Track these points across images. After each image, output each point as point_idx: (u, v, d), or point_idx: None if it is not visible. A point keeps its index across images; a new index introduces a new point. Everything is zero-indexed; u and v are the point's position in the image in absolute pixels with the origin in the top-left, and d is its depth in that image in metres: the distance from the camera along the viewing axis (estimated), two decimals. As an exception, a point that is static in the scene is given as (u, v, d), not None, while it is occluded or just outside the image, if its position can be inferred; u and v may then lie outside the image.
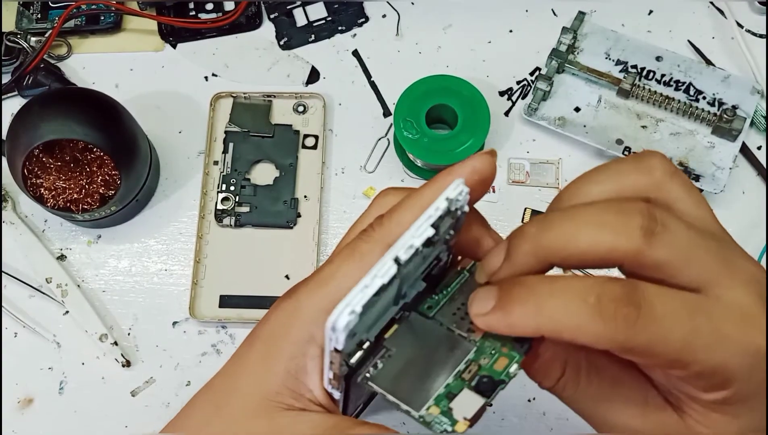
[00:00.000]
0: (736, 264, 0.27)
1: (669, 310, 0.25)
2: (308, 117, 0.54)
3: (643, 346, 0.25)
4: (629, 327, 0.24)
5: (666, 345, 0.25)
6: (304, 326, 0.29)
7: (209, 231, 0.51)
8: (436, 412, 0.26)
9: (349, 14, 0.57)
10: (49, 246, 0.52)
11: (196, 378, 0.49)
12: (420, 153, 0.50)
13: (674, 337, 0.25)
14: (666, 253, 0.25)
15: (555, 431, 0.47)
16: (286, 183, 0.52)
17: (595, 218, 0.26)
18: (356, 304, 0.25)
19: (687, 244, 0.26)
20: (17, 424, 0.48)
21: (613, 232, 0.26)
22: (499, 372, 0.27)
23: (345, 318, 0.24)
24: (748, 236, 0.51)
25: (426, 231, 0.26)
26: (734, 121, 0.51)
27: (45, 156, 0.47)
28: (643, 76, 0.54)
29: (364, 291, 0.25)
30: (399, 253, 0.26)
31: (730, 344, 0.25)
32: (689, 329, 0.25)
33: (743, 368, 0.25)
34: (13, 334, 0.50)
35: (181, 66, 0.56)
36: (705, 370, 0.25)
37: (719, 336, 0.25)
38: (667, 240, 0.25)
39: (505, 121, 0.55)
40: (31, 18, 0.56)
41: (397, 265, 0.25)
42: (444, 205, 0.26)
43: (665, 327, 0.24)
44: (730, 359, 0.25)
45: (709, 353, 0.25)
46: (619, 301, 0.24)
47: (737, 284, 0.26)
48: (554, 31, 0.54)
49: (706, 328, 0.25)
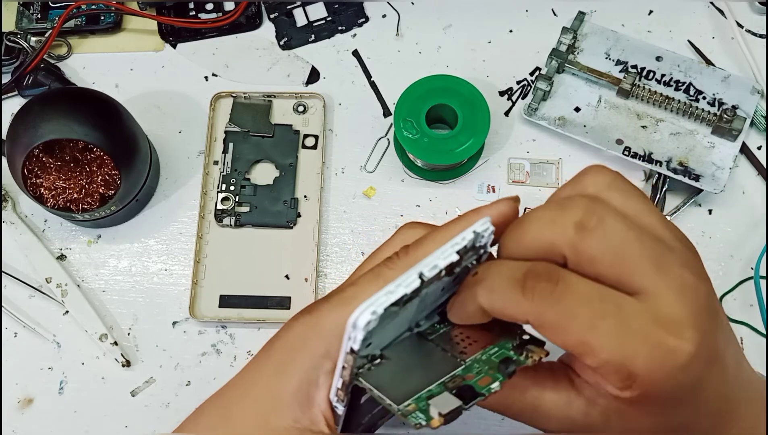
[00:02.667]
0: (670, 269, 0.27)
1: (582, 292, 0.27)
2: (308, 117, 0.54)
3: (554, 320, 0.27)
4: (543, 299, 0.26)
5: (573, 322, 0.26)
6: (322, 340, 0.30)
7: (209, 231, 0.51)
8: (413, 408, 0.27)
9: (349, 14, 0.57)
10: (49, 246, 0.52)
11: (196, 378, 0.49)
12: (420, 153, 0.50)
13: (581, 315, 0.26)
14: (598, 248, 0.27)
15: (555, 431, 0.47)
16: (286, 183, 0.52)
17: (536, 214, 0.29)
18: (378, 305, 0.26)
19: (620, 242, 0.27)
20: (17, 424, 0.48)
21: (550, 224, 0.28)
22: (481, 387, 0.29)
23: (366, 316, 0.25)
24: (748, 236, 0.51)
25: (451, 255, 0.27)
26: (734, 121, 0.51)
27: (45, 156, 0.47)
28: (643, 76, 0.54)
29: (388, 296, 0.26)
30: (424, 270, 0.27)
31: (636, 340, 0.26)
32: (597, 312, 0.26)
33: (650, 370, 0.26)
34: (13, 334, 0.50)
35: (181, 66, 0.56)
36: (610, 360, 0.26)
37: (626, 329, 0.26)
38: (600, 235, 0.27)
39: (505, 121, 0.55)
40: (31, 18, 0.56)
41: (420, 280, 0.27)
42: (470, 236, 0.28)
43: (574, 304, 0.26)
44: (636, 355, 0.26)
45: (613, 342, 0.26)
46: (539, 276, 0.27)
47: (663, 289, 0.27)
48: (554, 31, 0.54)
49: (614, 315, 0.26)
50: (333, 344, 0.30)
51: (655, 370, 0.26)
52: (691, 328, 0.26)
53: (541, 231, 0.28)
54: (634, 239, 0.27)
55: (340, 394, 0.30)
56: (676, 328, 0.26)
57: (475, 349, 0.31)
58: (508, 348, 0.30)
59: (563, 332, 0.27)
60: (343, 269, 0.51)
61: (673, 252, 0.28)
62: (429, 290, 0.29)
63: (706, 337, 0.27)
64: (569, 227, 0.27)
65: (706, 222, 0.52)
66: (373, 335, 0.27)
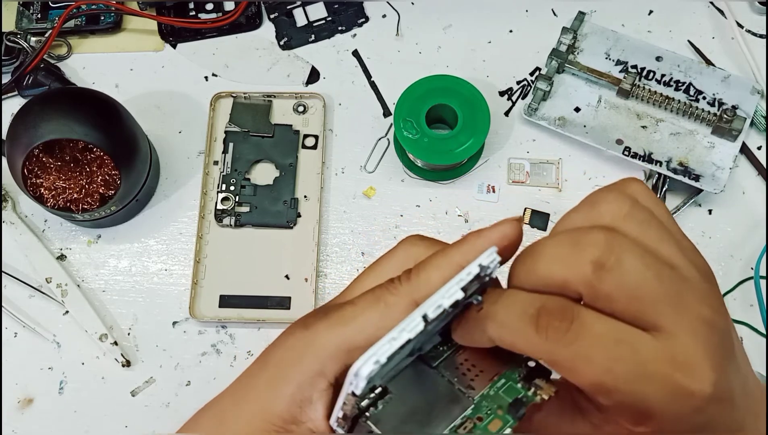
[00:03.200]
0: (688, 307, 0.27)
1: (598, 333, 0.26)
2: (308, 117, 0.54)
3: (567, 360, 0.26)
4: (557, 340, 0.26)
5: (588, 365, 0.26)
6: (318, 359, 0.30)
7: (209, 231, 0.51)
8: None
9: (349, 14, 0.57)
10: (49, 246, 0.52)
11: (196, 378, 0.49)
12: (420, 153, 0.50)
13: (597, 359, 0.25)
14: (615, 287, 0.26)
15: (555, 431, 0.47)
16: (286, 183, 0.52)
17: (550, 250, 0.27)
18: (382, 354, 0.26)
19: (638, 281, 0.26)
20: (17, 424, 0.48)
21: (564, 265, 0.27)
22: (493, 433, 0.28)
23: (369, 367, 0.26)
24: (748, 236, 0.51)
25: (456, 293, 0.27)
26: (734, 121, 0.51)
27: (45, 156, 0.47)
28: (643, 76, 0.54)
29: (391, 343, 0.26)
30: (428, 311, 0.27)
31: (651, 382, 0.25)
32: (613, 356, 0.25)
33: (667, 412, 0.26)
34: (13, 334, 0.50)
35: (181, 66, 0.56)
36: (625, 401, 0.26)
37: (641, 371, 0.25)
38: (618, 275, 0.26)
39: (505, 121, 0.55)
40: (31, 18, 0.56)
41: (424, 323, 0.27)
42: (476, 271, 0.27)
43: (589, 347, 0.26)
44: (651, 396, 0.26)
45: (629, 383, 0.25)
46: (553, 314, 0.26)
47: (681, 329, 0.26)
48: (554, 31, 0.54)
49: (630, 359, 0.25)
50: (327, 364, 0.30)
51: (671, 412, 0.26)
52: (708, 370, 0.26)
53: (554, 267, 0.27)
54: (653, 278, 0.26)
55: (341, 422, 0.30)
56: (693, 371, 0.26)
57: (483, 380, 0.31)
58: (515, 379, 0.30)
59: (577, 373, 0.26)
60: (343, 269, 0.51)
61: (692, 287, 0.27)
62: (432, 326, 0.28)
63: (722, 377, 0.26)
64: (586, 266, 0.26)
65: (706, 222, 0.52)
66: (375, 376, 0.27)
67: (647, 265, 0.26)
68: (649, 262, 0.26)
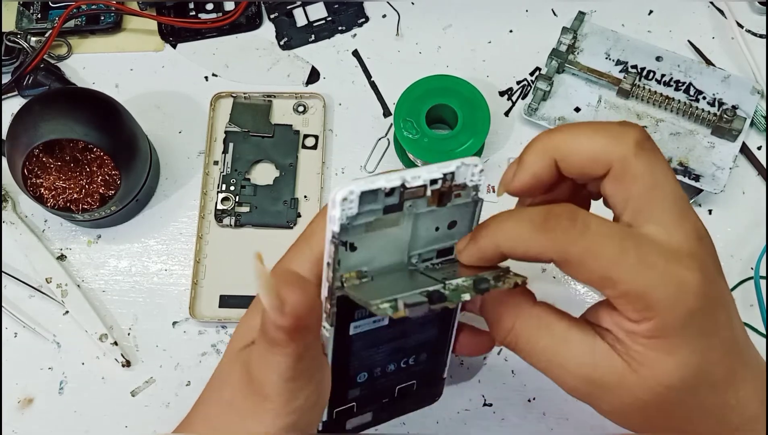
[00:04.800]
0: (688, 217, 0.30)
1: (603, 230, 0.29)
2: (308, 117, 0.54)
3: (577, 256, 0.28)
4: (566, 237, 0.28)
5: (596, 258, 0.28)
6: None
7: (209, 231, 0.51)
8: (386, 305, 0.29)
9: (349, 14, 0.57)
10: (49, 246, 0.52)
11: (196, 378, 0.49)
12: (420, 153, 0.50)
13: (604, 253, 0.28)
14: (645, 169, 0.30)
15: (555, 431, 0.47)
16: (286, 183, 0.52)
17: (596, 125, 0.31)
18: (356, 186, 0.29)
19: (663, 173, 0.30)
20: (17, 424, 0.48)
21: (610, 136, 0.30)
22: (452, 296, 0.30)
23: (343, 193, 0.29)
24: (749, 236, 0.51)
25: (435, 172, 0.30)
26: (734, 121, 0.51)
27: (45, 156, 0.47)
28: (643, 76, 0.54)
29: (366, 182, 0.29)
30: (406, 175, 0.30)
31: (653, 272, 0.28)
32: (618, 249, 0.28)
33: (665, 297, 0.28)
34: (13, 334, 0.50)
35: (181, 66, 0.56)
36: (630, 291, 0.28)
37: (644, 261, 0.28)
38: (651, 159, 0.30)
39: (505, 121, 0.55)
40: (31, 18, 0.56)
41: (402, 182, 0.29)
42: (456, 164, 0.30)
43: (597, 242, 0.28)
44: (653, 286, 0.28)
45: (633, 275, 0.28)
46: (559, 216, 0.29)
47: (681, 231, 0.29)
48: (554, 31, 0.54)
49: (634, 252, 0.28)
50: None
51: (669, 297, 0.28)
52: (701, 264, 0.29)
53: (598, 139, 0.30)
54: (672, 179, 0.30)
55: (327, 307, 0.32)
56: (689, 263, 0.29)
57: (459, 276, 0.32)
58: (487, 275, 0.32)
59: (586, 268, 0.29)
60: (343, 269, 0.51)
61: (688, 203, 0.31)
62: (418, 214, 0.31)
63: (714, 277, 0.30)
64: (630, 142, 0.30)
65: (706, 222, 0.51)
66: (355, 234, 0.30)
67: (669, 168, 0.30)
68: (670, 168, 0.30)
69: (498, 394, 0.47)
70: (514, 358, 0.48)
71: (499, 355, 0.48)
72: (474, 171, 0.31)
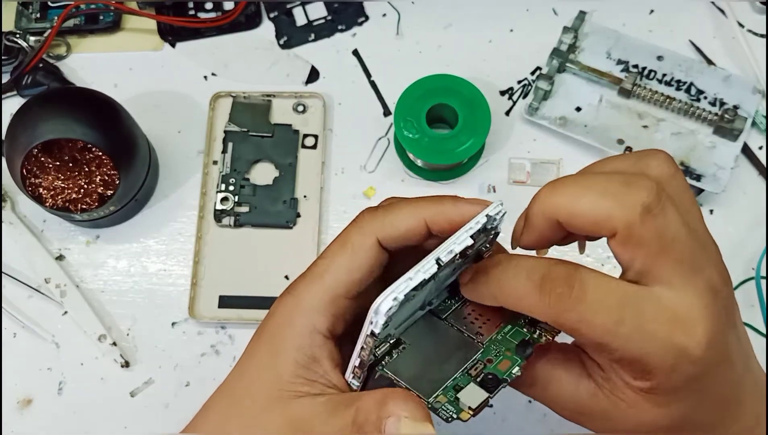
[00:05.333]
0: (703, 270, 0.28)
1: (600, 297, 0.27)
2: (308, 117, 0.54)
3: (571, 323, 0.27)
4: (561, 304, 0.27)
5: (590, 328, 0.27)
6: (306, 318, 0.31)
7: (208, 231, 0.51)
8: (443, 400, 0.29)
9: (349, 13, 0.57)
10: (48, 246, 0.51)
11: (195, 379, 0.49)
12: (420, 153, 0.50)
13: (598, 321, 0.27)
14: (652, 236, 0.27)
15: (555, 433, 0.47)
16: (286, 183, 0.52)
17: (600, 183, 0.28)
18: (399, 292, 0.27)
19: (674, 233, 0.28)
20: (17, 424, 0.48)
21: (614, 200, 0.28)
22: (503, 372, 0.30)
23: (388, 303, 0.27)
24: (749, 236, 0.51)
25: (466, 240, 0.29)
26: (735, 121, 0.51)
27: (44, 156, 0.47)
28: (644, 75, 0.54)
29: (408, 283, 0.28)
30: (441, 255, 0.29)
31: (651, 342, 0.27)
32: (615, 318, 0.27)
33: (663, 365, 0.27)
34: (12, 335, 0.50)
35: (180, 65, 0.56)
36: (625, 358, 0.28)
37: (643, 332, 0.27)
38: (660, 222, 0.27)
39: (505, 121, 0.54)
40: (30, 17, 0.56)
41: (437, 265, 0.28)
42: (483, 221, 0.29)
43: (591, 311, 0.27)
44: (651, 354, 0.27)
45: (629, 342, 0.27)
46: (556, 280, 0.27)
47: (690, 290, 0.27)
48: (555, 30, 0.54)
49: (631, 321, 0.27)
50: (317, 319, 0.31)
51: (667, 365, 0.27)
52: (705, 330, 0.27)
53: (603, 201, 0.28)
54: (685, 236, 0.28)
55: (357, 372, 0.31)
56: (692, 329, 0.27)
57: (490, 328, 0.32)
58: (521, 325, 0.32)
59: (580, 335, 0.28)
60: (343, 269, 0.51)
61: (707, 253, 0.29)
62: (441, 276, 0.30)
63: (719, 338, 0.28)
64: (636, 207, 0.27)
65: (707, 222, 0.51)
66: (393, 317, 0.28)
67: (683, 223, 0.28)
68: (684, 221, 0.28)
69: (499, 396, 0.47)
70: (515, 358, 0.48)
71: (500, 356, 0.48)
72: (497, 218, 0.30)
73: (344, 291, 0.31)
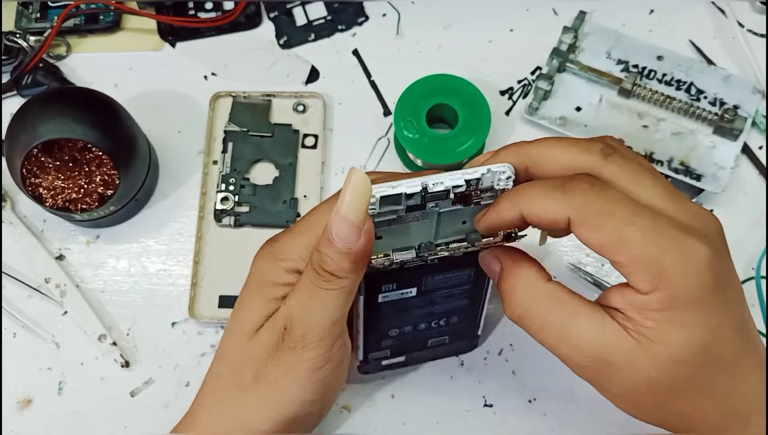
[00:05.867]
0: (684, 200, 0.31)
1: (619, 194, 0.30)
2: (308, 116, 0.54)
3: (594, 215, 0.29)
4: (584, 196, 0.29)
5: (612, 219, 0.29)
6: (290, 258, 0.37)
7: (209, 231, 0.51)
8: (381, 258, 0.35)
9: (349, 13, 0.57)
10: (48, 246, 0.51)
11: (195, 378, 0.49)
12: (420, 153, 0.50)
13: (620, 213, 0.29)
14: (619, 170, 0.31)
15: (556, 432, 0.47)
16: (286, 183, 0.52)
17: (566, 141, 0.33)
18: (377, 191, 0.31)
19: (638, 168, 0.31)
20: (16, 424, 0.48)
21: (579, 148, 0.32)
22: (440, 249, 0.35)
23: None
24: (750, 236, 0.51)
25: (458, 179, 0.32)
26: (735, 120, 0.51)
27: (44, 155, 0.47)
28: (644, 75, 0.54)
29: (389, 189, 0.31)
30: (428, 181, 0.31)
31: (666, 238, 0.29)
32: (633, 211, 0.29)
33: (678, 265, 0.28)
34: (12, 335, 0.50)
35: (180, 65, 0.56)
36: (642, 256, 0.29)
37: (657, 229, 0.29)
38: (620, 160, 0.31)
39: (505, 121, 0.54)
40: (30, 17, 0.56)
41: (423, 189, 0.31)
42: (483, 171, 0.32)
43: (614, 202, 0.29)
44: (665, 253, 0.29)
45: (646, 239, 0.29)
46: (580, 179, 0.30)
47: (684, 211, 0.30)
48: (555, 30, 0.54)
49: (648, 218, 0.29)
50: (299, 263, 0.36)
51: (681, 265, 0.28)
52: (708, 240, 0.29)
53: (569, 151, 0.32)
54: (650, 170, 0.31)
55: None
56: (698, 236, 0.29)
57: None
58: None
59: (602, 228, 0.29)
60: (343, 269, 0.51)
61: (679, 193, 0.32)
62: (441, 211, 0.33)
63: (725, 256, 0.30)
64: (596, 150, 0.31)
65: (707, 222, 0.52)
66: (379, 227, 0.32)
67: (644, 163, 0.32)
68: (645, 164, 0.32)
69: (499, 395, 0.47)
70: (515, 358, 0.48)
71: (500, 356, 0.48)
72: (501, 177, 0.32)
73: None
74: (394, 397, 0.47)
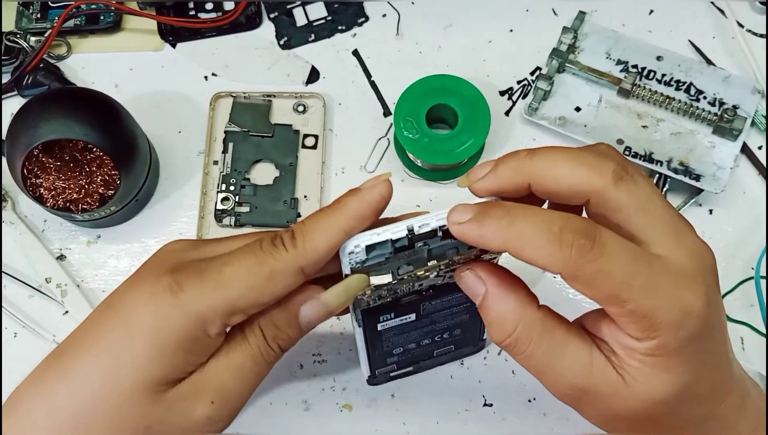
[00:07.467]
0: (685, 235, 0.30)
1: (617, 250, 0.28)
2: (308, 117, 0.54)
3: (589, 275, 0.28)
4: (581, 256, 0.28)
5: (608, 279, 0.28)
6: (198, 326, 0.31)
7: (209, 231, 0.51)
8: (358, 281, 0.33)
9: (349, 14, 0.57)
10: (49, 246, 0.51)
11: (195, 378, 0.49)
12: (420, 153, 0.50)
13: (616, 272, 0.28)
14: (628, 198, 0.29)
15: (555, 431, 0.47)
16: (286, 183, 0.52)
17: (577, 155, 0.30)
18: (362, 241, 0.31)
19: (647, 197, 0.30)
20: (17, 424, 0.48)
21: (589, 168, 0.30)
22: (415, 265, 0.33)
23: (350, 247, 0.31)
24: (749, 236, 0.51)
25: (443, 220, 0.31)
26: (735, 120, 0.51)
27: (44, 156, 0.47)
28: (643, 75, 0.54)
29: (372, 237, 0.31)
30: (415, 224, 0.31)
31: (661, 294, 0.28)
32: (630, 271, 0.28)
33: (670, 319, 0.28)
34: (13, 334, 0.50)
35: (180, 66, 0.56)
36: (637, 311, 0.28)
37: (653, 284, 0.28)
38: (632, 187, 0.30)
39: (505, 121, 0.54)
40: (31, 18, 0.56)
41: (409, 232, 0.31)
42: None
43: (610, 263, 0.28)
44: (659, 307, 0.28)
45: (642, 295, 0.28)
46: (578, 233, 0.28)
47: (682, 251, 0.30)
48: (555, 30, 0.54)
49: (644, 274, 0.28)
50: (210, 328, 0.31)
51: (674, 320, 0.28)
52: (704, 287, 0.29)
53: (579, 170, 0.30)
54: (658, 199, 0.30)
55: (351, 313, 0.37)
56: (694, 286, 0.29)
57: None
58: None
59: (596, 287, 0.28)
60: (343, 269, 0.51)
61: (682, 219, 0.31)
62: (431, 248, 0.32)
63: (715, 298, 0.30)
64: (608, 174, 0.29)
65: (706, 222, 0.52)
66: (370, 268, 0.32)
67: (655, 191, 0.30)
68: (656, 190, 0.30)
69: (498, 395, 0.47)
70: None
71: (500, 356, 0.48)
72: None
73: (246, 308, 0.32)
74: (394, 396, 0.47)
